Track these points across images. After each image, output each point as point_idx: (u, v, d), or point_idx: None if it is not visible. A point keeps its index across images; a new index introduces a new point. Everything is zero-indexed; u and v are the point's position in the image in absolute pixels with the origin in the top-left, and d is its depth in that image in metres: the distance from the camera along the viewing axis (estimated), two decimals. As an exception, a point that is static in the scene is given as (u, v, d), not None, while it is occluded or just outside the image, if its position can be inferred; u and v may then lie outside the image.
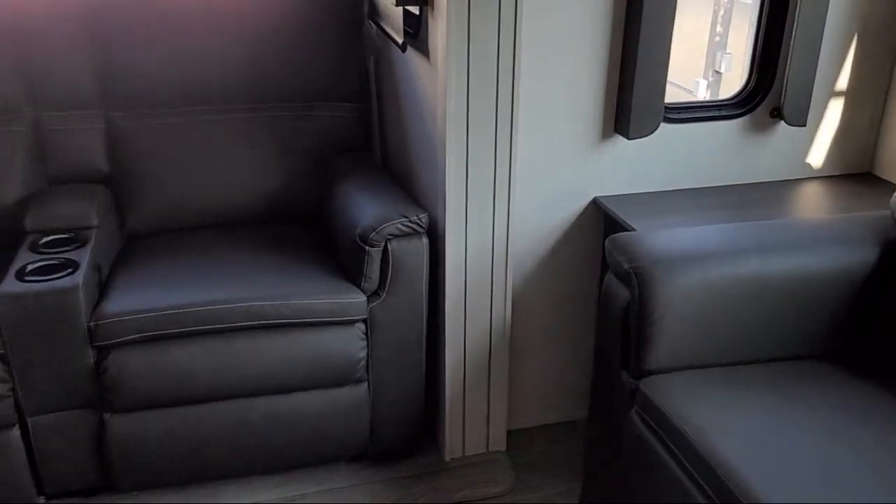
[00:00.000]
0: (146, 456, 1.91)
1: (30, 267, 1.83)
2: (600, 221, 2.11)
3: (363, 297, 1.94)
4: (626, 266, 1.65)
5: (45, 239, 1.96)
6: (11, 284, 1.77)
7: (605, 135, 2.04)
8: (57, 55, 2.20)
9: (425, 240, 1.95)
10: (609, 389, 1.79)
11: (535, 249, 2.11)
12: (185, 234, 2.26)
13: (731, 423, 1.47)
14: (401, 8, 2.00)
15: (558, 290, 2.17)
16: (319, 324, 1.93)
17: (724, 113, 2.12)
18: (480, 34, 1.76)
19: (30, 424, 1.83)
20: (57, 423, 1.85)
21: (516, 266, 2.08)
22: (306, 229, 2.30)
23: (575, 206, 2.09)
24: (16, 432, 1.82)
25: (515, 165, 1.91)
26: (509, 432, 2.22)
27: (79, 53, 2.22)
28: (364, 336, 1.97)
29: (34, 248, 1.92)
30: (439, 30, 1.80)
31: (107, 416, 1.87)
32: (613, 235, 1.75)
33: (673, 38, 1.93)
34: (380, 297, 1.95)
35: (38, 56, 2.19)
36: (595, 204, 2.09)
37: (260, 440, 1.97)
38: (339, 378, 1.98)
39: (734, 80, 3.31)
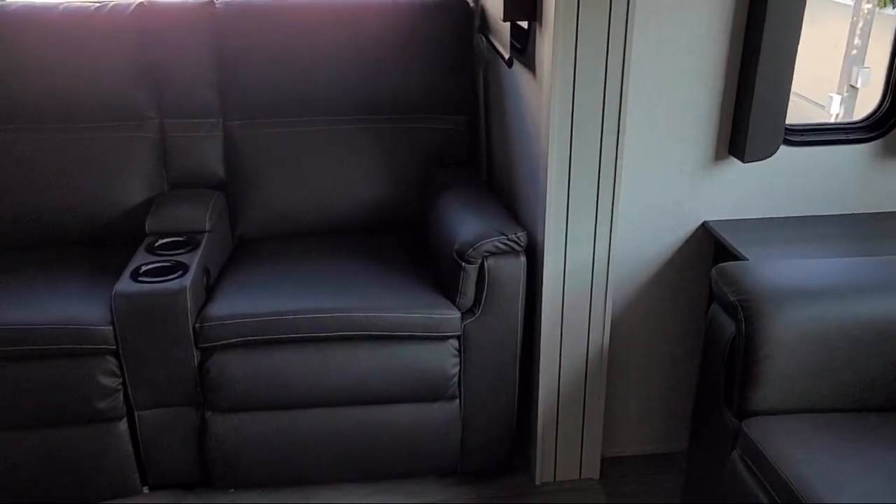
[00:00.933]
0: (243, 455, 1.97)
1: (144, 268, 1.93)
2: (709, 247, 2.00)
3: (457, 314, 1.93)
4: (732, 298, 1.55)
5: (161, 241, 2.06)
6: (126, 284, 1.86)
7: (719, 156, 1.94)
8: (183, 67, 2.32)
9: (523, 258, 1.92)
10: (710, 426, 1.69)
11: (637, 273, 2.03)
12: (291, 240, 2.32)
13: (841, 478, 1.35)
14: (509, 22, 1.98)
15: (661, 317, 2.08)
16: (413, 338, 1.93)
17: (852, 136, 1.97)
18: (588, 50, 1.71)
19: (137, 417, 1.93)
20: (162, 418, 1.94)
21: (617, 289, 2.01)
22: (407, 241, 2.32)
23: (682, 229, 2.00)
24: (124, 424, 1.92)
25: (620, 185, 1.84)
26: (604, 459, 2.14)
27: (202, 65, 2.33)
28: (457, 352, 1.95)
29: (150, 250, 2.02)
30: (546, 45, 1.76)
31: (208, 414, 1.94)
32: (721, 264, 1.66)
33: (801, 51, 1.81)
34: (474, 314, 1.93)
35: (166, 67, 2.31)
36: (704, 228, 1.99)
37: (351, 449, 1.99)
38: (430, 393, 1.97)
39: (873, 96, 3.09)
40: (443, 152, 2.43)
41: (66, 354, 1.83)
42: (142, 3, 2.32)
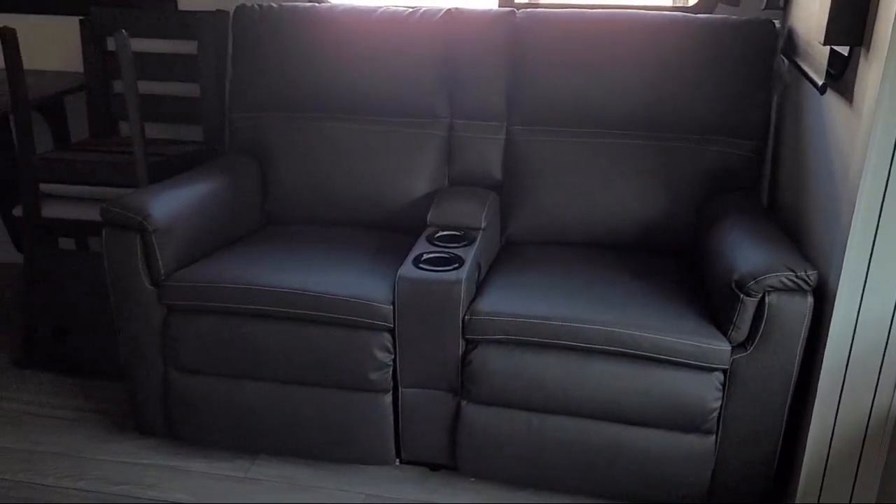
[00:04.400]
0: (490, 448, 2.03)
1: (425, 256, 2.06)
2: None
3: (728, 347, 1.84)
4: None
5: (440, 233, 2.19)
6: (409, 269, 2.00)
7: None
8: (478, 71, 2.45)
9: (810, 299, 1.78)
10: None
11: (946, 335, 1.80)
12: (559, 248, 2.36)
13: None
14: (827, 47, 1.84)
15: (968, 388, 1.83)
16: (676, 364, 1.87)
17: None
18: (924, 83, 1.55)
19: (401, 394, 2.06)
20: (422, 398, 2.06)
21: (917, 349, 1.80)
22: (677, 263, 2.25)
23: None
24: (389, 398, 2.07)
25: (940, 235, 1.65)
26: (871, 533, 1.93)
27: (496, 71, 2.44)
28: (721, 386, 1.87)
29: (430, 240, 2.16)
30: (872, 75, 1.62)
31: (463, 403, 2.03)
32: None
33: None
34: (746, 349, 1.84)
35: (462, 70, 2.45)
36: None
37: (595, 464, 1.98)
38: (686, 423, 1.90)
39: None
40: (724, 176, 2.33)
41: (351, 325, 2.00)
42: (450, 10, 2.48)
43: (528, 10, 2.49)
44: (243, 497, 2.07)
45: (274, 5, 2.56)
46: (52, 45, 2.84)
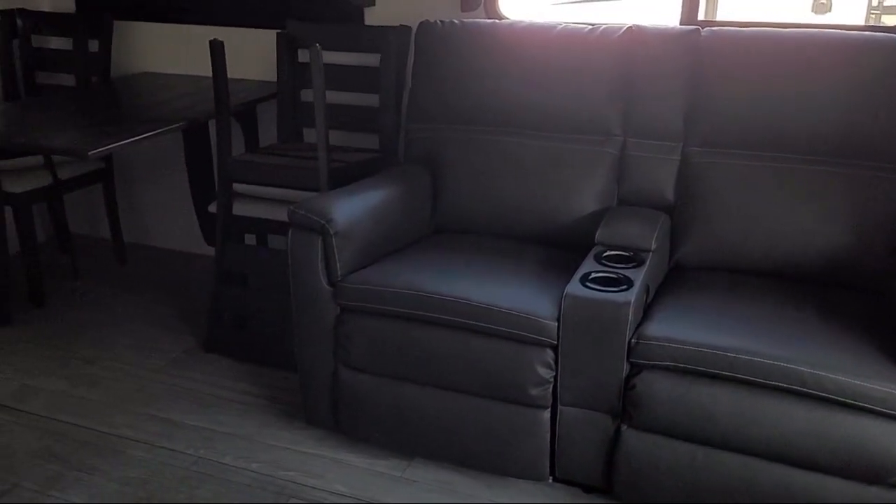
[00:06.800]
0: (648, 477, 1.98)
1: (592, 275, 2.03)
2: None
3: (925, 397, 1.69)
4: None
5: (608, 253, 2.15)
6: (576, 287, 1.99)
7: None
8: (656, 89, 2.40)
9: None
10: None
11: None
12: (731, 275, 2.25)
13: None
14: None
15: None
16: (861, 409, 1.74)
17: None
18: None
19: (559, 412, 2.05)
20: (581, 418, 2.03)
21: None
22: (865, 301, 2.10)
23: None
24: (547, 414, 2.06)
25: None
26: None
27: (675, 90, 2.38)
28: (915, 440, 1.72)
29: (598, 259, 2.13)
30: None
31: (624, 427, 1.99)
32: None
33: None
34: (946, 402, 1.68)
35: (640, 88, 2.41)
36: None
37: (763, 507, 1.89)
38: (870, 475, 1.76)
39: None
40: (926, 210, 2.15)
41: (515, 339, 2.01)
42: (631, 27, 2.45)
43: (714, 28, 2.41)
44: (397, 495, 2.13)
45: (455, 21, 2.63)
46: (250, 55, 3.07)
